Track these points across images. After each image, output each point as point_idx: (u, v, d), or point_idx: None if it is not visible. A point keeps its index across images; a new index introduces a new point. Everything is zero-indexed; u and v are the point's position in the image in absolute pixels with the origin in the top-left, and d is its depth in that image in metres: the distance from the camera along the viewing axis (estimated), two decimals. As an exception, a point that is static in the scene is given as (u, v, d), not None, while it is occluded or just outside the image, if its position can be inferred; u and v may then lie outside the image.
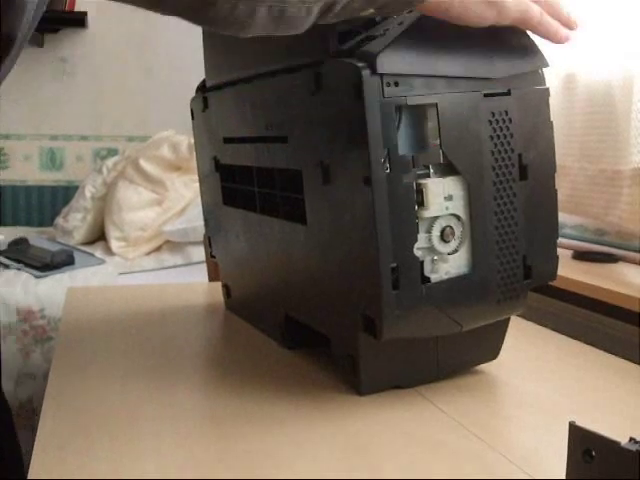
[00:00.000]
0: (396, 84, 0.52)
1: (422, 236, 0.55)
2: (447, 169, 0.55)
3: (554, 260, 0.62)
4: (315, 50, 0.57)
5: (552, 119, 0.60)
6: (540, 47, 0.60)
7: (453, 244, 0.56)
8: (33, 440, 0.51)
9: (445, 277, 0.56)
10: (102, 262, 2.01)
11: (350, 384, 0.61)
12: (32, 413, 1.73)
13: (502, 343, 0.65)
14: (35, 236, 2.25)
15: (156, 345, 0.76)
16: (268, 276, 0.74)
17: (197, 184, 0.92)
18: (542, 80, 0.60)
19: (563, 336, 0.82)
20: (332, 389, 0.62)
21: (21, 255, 1.96)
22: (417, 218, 0.54)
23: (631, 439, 0.36)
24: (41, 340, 1.74)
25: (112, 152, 2.76)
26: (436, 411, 0.58)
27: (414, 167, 0.54)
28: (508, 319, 0.64)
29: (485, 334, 0.63)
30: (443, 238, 0.55)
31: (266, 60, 0.66)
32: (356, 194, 0.54)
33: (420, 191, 0.54)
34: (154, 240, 2.16)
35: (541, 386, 0.65)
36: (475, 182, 0.56)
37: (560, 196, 1.12)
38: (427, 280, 0.55)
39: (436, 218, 0.55)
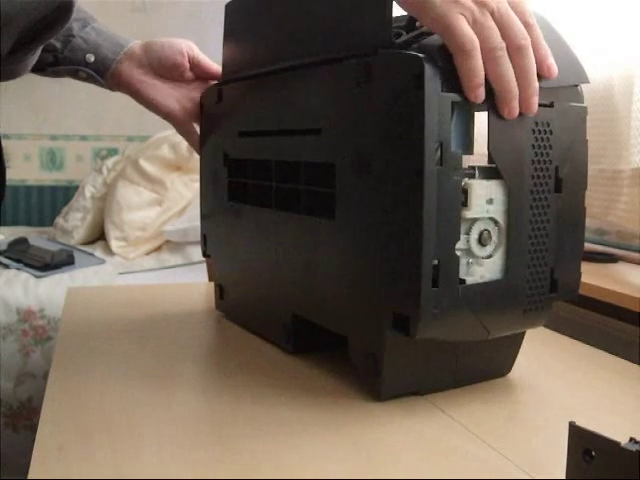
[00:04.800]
0: (453, 79, 0.52)
1: (461, 237, 0.54)
2: (490, 172, 0.55)
3: (577, 277, 0.62)
4: (365, 41, 0.57)
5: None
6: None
7: (489, 249, 0.56)
8: (33, 440, 0.51)
9: (480, 281, 0.56)
10: (102, 262, 2.01)
11: (368, 388, 0.61)
12: (32, 413, 1.73)
13: (516, 357, 0.65)
14: (35, 236, 2.25)
15: (156, 345, 0.76)
16: (277, 274, 0.72)
17: (197, 184, 0.92)
18: (581, 97, 0.60)
19: (563, 336, 0.82)
20: (339, 394, 0.62)
21: (21, 255, 1.96)
22: (460, 217, 0.54)
23: (631, 439, 0.36)
24: (41, 340, 1.74)
25: (112, 152, 2.77)
26: (436, 411, 0.58)
27: (463, 165, 0.53)
28: (522, 336, 0.64)
29: (502, 347, 0.63)
30: (481, 241, 0.55)
31: (301, 52, 0.65)
32: (404, 186, 0.53)
33: (465, 191, 0.54)
34: (154, 240, 2.16)
35: (540, 386, 0.65)
36: (515, 188, 0.56)
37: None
38: (462, 282, 0.55)
39: (476, 220, 0.55)
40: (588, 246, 1.17)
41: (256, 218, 0.75)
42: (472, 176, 0.54)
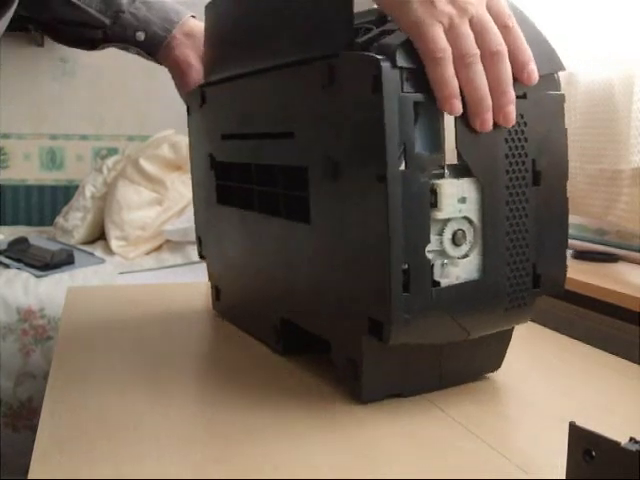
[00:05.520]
0: (415, 79, 0.51)
1: (433, 238, 0.53)
2: (461, 170, 0.54)
3: (563, 270, 0.60)
4: (328, 43, 0.56)
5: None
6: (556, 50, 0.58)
7: (464, 248, 0.55)
8: (33, 440, 0.51)
9: (455, 282, 0.54)
10: (102, 261, 2.01)
11: (350, 392, 0.60)
12: (32, 413, 1.73)
13: (505, 354, 0.64)
14: (35, 236, 2.25)
15: (156, 345, 0.76)
16: (264, 277, 0.72)
17: (197, 184, 0.91)
18: (557, 85, 0.58)
19: (563, 335, 0.82)
20: (332, 396, 0.62)
21: (21, 255, 1.96)
22: (430, 219, 0.53)
23: (631, 439, 0.36)
24: (41, 340, 1.74)
25: (112, 151, 2.76)
26: (436, 411, 0.58)
27: (429, 166, 0.52)
28: (512, 329, 0.63)
29: (489, 344, 0.62)
30: (455, 242, 0.54)
31: (272, 54, 0.65)
32: (368, 191, 0.52)
33: (434, 191, 0.53)
34: (154, 240, 2.16)
35: (541, 385, 0.65)
36: (489, 185, 0.55)
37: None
38: (437, 284, 0.54)
39: (448, 220, 0.54)
40: (588, 246, 1.17)
41: (243, 221, 0.74)
42: (442, 175, 0.53)
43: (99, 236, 2.30)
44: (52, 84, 2.69)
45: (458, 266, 0.55)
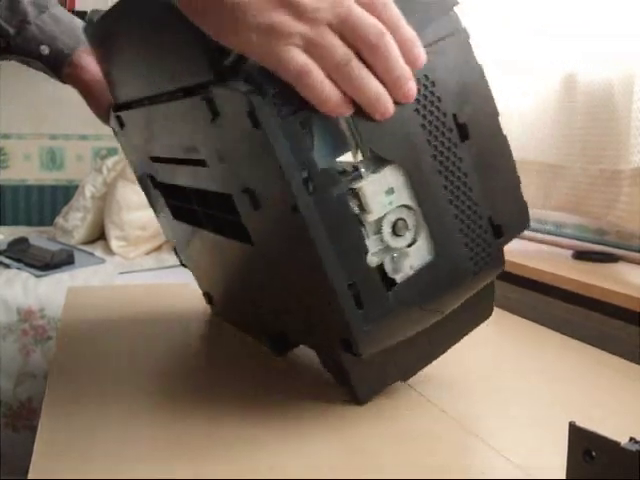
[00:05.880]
0: (291, 97, 0.46)
1: (373, 239, 0.50)
2: (379, 160, 0.49)
3: (522, 207, 0.56)
4: (200, 68, 0.50)
5: (480, 63, 0.52)
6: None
7: (409, 236, 0.51)
8: (33, 440, 0.51)
9: (411, 272, 0.52)
10: (102, 261, 2.01)
11: (346, 392, 0.60)
12: (32, 413, 1.73)
13: (493, 299, 0.61)
14: (35, 236, 2.25)
15: (156, 345, 0.76)
16: (238, 290, 0.70)
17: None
18: (456, 21, 0.51)
19: (563, 335, 0.82)
20: (330, 395, 0.62)
21: (21, 255, 1.96)
22: (362, 224, 0.49)
23: (631, 439, 0.36)
24: (41, 340, 1.74)
25: (112, 152, 2.76)
26: (435, 410, 0.58)
27: (341, 175, 0.48)
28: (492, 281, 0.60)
29: (473, 301, 0.58)
30: (396, 233, 0.51)
31: (156, 82, 0.59)
32: (288, 221, 0.48)
33: (356, 195, 0.48)
34: (154, 239, 2.16)
35: (541, 385, 0.65)
36: (413, 164, 0.50)
37: (560, 196, 1.12)
38: (392, 282, 0.51)
39: (383, 217, 0.50)
40: (588, 246, 1.17)
41: (200, 238, 0.72)
42: (359, 176, 0.49)
43: (99, 236, 2.31)
44: (52, 84, 2.68)
45: (409, 255, 0.51)
